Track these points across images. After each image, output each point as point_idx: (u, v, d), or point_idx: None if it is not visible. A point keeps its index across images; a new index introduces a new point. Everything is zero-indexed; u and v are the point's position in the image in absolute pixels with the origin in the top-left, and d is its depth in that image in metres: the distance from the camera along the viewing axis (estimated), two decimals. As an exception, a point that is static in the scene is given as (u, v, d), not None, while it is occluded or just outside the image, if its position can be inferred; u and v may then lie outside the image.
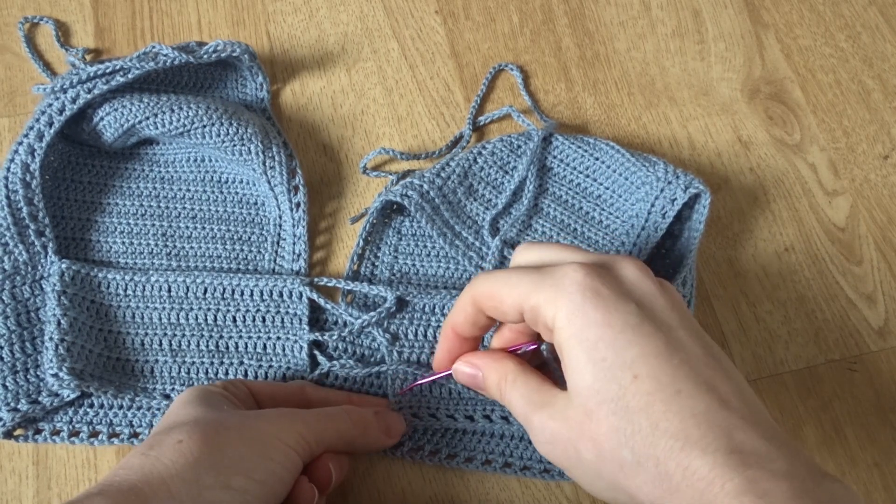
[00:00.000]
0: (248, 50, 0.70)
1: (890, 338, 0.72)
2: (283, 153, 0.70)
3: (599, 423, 0.46)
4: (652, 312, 0.48)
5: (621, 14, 0.83)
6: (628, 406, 0.45)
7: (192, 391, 0.57)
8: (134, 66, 0.66)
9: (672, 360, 0.46)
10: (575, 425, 0.47)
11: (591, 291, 0.47)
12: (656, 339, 0.46)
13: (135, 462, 0.48)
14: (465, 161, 0.71)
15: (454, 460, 0.65)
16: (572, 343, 0.47)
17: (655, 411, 0.44)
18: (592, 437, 0.46)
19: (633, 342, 0.46)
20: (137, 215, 0.70)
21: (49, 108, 0.65)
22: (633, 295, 0.49)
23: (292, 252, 0.70)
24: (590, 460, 0.47)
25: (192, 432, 0.50)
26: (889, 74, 0.81)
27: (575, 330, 0.47)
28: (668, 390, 0.45)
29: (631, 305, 0.48)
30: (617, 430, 0.45)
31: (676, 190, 0.67)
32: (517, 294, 0.51)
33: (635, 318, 0.47)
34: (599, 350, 0.46)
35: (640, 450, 0.44)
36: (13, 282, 0.64)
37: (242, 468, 0.50)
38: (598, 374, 0.46)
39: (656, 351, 0.46)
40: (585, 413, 0.47)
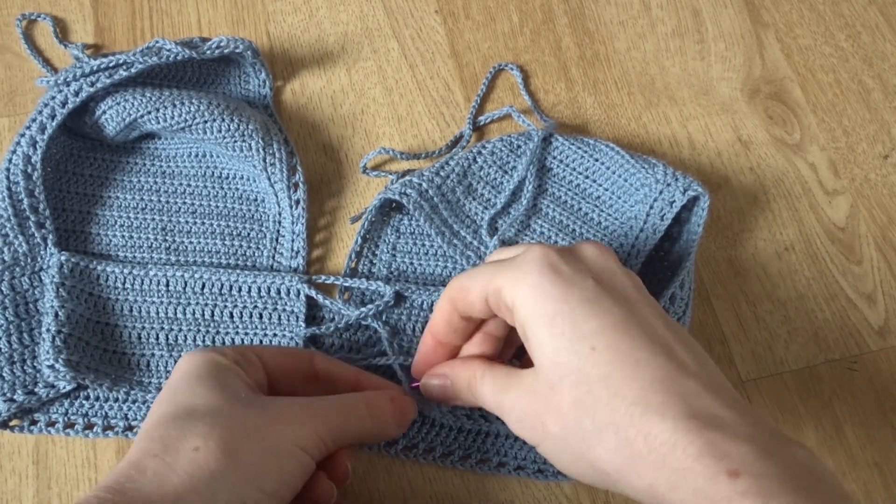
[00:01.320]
0: (251, 46, 0.71)
1: (890, 337, 0.72)
2: (283, 150, 0.70)
3: (562, 396, 0.47)
4: (611, 287, 0.50)
5: (621, 14, 0.84)
6: (588, 377, 0.46)
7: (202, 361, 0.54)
8: (137, 60, 0.67)
9: (630, 332, 0.47)
10: (541, 399, 0.49)
11: (548, 268, 0.49)
12: (614, 312, 0.48)
13: (148, 466, 0.47)
14: (464, 160, 0.71)
15: (448, 459, 0.66)
16: (532, 319, 0.49)
17: (614, 380, 0.46)
18: (556, 409, 0.48)
19: (590, 315, 0.47)
20: (137, 209, 0.71)
21: (52, 101, 0.66)
22: (592, 271, 0.50)
23: (291, 249, 0.70)
24: (555, 433, 0.48)
25: (209, 438, 0.48)
26: (889, 74, 0.82)
27: (533, 306, 0.49)
28: (627, 360, 0.46)
29: (589, 281, 0.49)
30: (578, 402, 0.46)
31: (675, 192, 0.68)
32: (482, 281, 0.52)
33: (592, 293, 0.49)
34: (557, 324, 0.48)
35: (600, 418, 0.45)
36: (12, 273, 0.65)
37: (256, 481, 0.49)
38: (558, 348, 0.47)
39: (614, 323, 0.47)
40: (549, 386, 0.48)
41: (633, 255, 0.69)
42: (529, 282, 0.49)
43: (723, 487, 0.41)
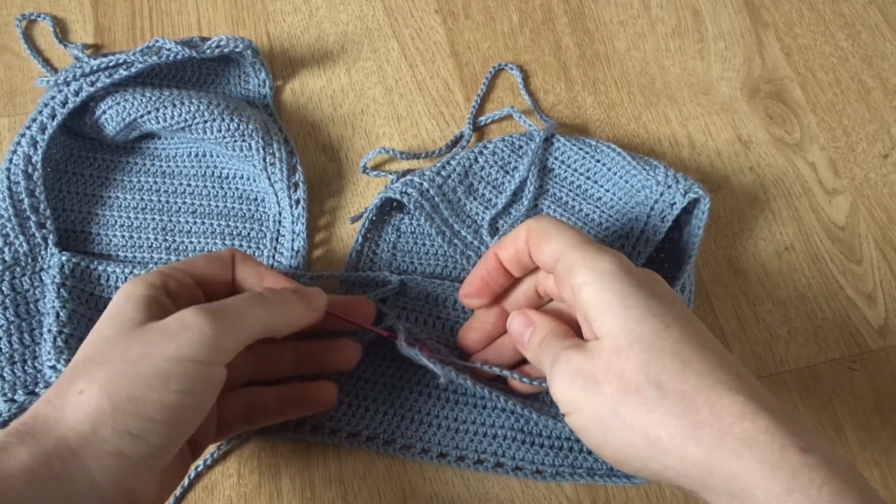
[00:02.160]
0: (250, 45, 0.71)
1: (890, 336, 0.73)
2: (283, 150, 0.70)
3: (629, 360, 0.48)
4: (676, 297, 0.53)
5: (621, 13, 0.84)
6: (660, 348, 0.48)
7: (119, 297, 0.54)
8: (137, 60, 0.67)
9: (698, 327, 0.50)
10: (601, 361, 0.49)
11: (625, 268, 0.52)
12: (683, 309, 0.51)
13: (40, 413, 0.48)
14: (465, 160, 0.72)
15: (445, 458, 0.66)
16: (605, 294, 0.51)
17: (686, 355, 0.47)
18: (619, 371, 0.48)
19: (662, 304, 0.50)
20: (138, 209, 0.71)
21: (52, 101, 0.66)
22: (658, 283, 0.54)
23: (291, 249, 0.70)
24: (609, 394, 0.48)
25: (93, 379, 0.48)
26: (889, 73, 0.82)
27: (608, 285, 0.51)
28: (698, 342, 0.48)
29: (659, 286, 0.53)
30: (646, 366, 0.48)
31: (676, 194, 0.68)
32: (564, 242, 0.54)
33: (663, 292, 0.52)
34: (632, 300, 0.50)
35: (668, 384, 0.47)
36: (13, 273, 0.65)
37: (140, 411, 0.48)
38: (632, 318, 0.49)
39: (683, 316, 0.50)
40: (615, 350, 0.49)
41: (633, 256, 0.69)
42: (603, 268, 0.51)
43: (793, 458, 0.42)
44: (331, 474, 0.66)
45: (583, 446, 0.66)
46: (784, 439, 0.43)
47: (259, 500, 0.65)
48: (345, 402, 0.66)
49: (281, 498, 0.65)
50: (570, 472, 0.65)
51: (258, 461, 0.66)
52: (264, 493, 0.65)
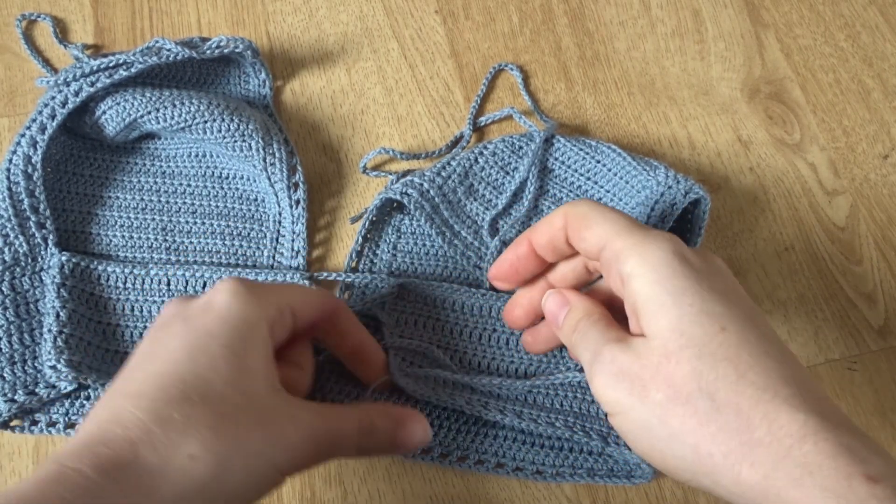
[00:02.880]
0: (250, 46, 0.71)
1: (890, 337, 0.73)
2: (283, 150, 0.71)
3: (680, 365, 0.45)
4: (736, 287, 0.49)
5: (621, 14, 0.84)
6: (714, 353, 0.44)
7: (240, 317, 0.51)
8: (137, 60, 0.67)
9: (759, 327, 0.46)
10: (649, 364, 0.46)
11: (680, 255, 0.48)
12: (743, 305, 0.47)
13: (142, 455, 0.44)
14: (465, 161, 0.72)
15: (447, 459, 0.66)
16: (657, 289, 0.47)
17: (743, 362, 0.44)
18: (668, 377, 0.45)
19: (720, 301, 0.46)
20: (138, 209, 0.71)
21: (52, 101, 0.66)
22: (719, 271, 0.49)
23: (291, 249, 0.71)
24: (657, 401, 0.45)
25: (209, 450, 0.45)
26: (889, 74, 0.82)
27: (661, 277, 0.47)
28: (757, 348, 0.44)
29: (718, 276, 0.48)
30: (699, 374, 0.44)
31: (676, 195, 0.68)
32: (609, 228, 0.51)
33: (722, 285, 0.47)
34: (687, 297, 0.46)
35: (722, 396, 0.43)
36: (13, 273, 0.65)
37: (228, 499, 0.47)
38: (684, 318, 0.45)
39: (743, 314, 0.46)
40: (664, 354, 0.46)
41: None
42: (657, 257, 0.48)
43: (860, 490, 0.39)
44: (331, 475, 0.66)
45: (583, 447, 0.66)
46: (850, 466, 0.39)
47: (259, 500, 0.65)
48: None
49: (281, 498, 0.65)
50: (570, 473, 0.65)
51: (258, 461, 0.66)
52: (264, 494, 0.65)
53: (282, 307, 0.54)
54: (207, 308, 0.51)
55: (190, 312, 0.52)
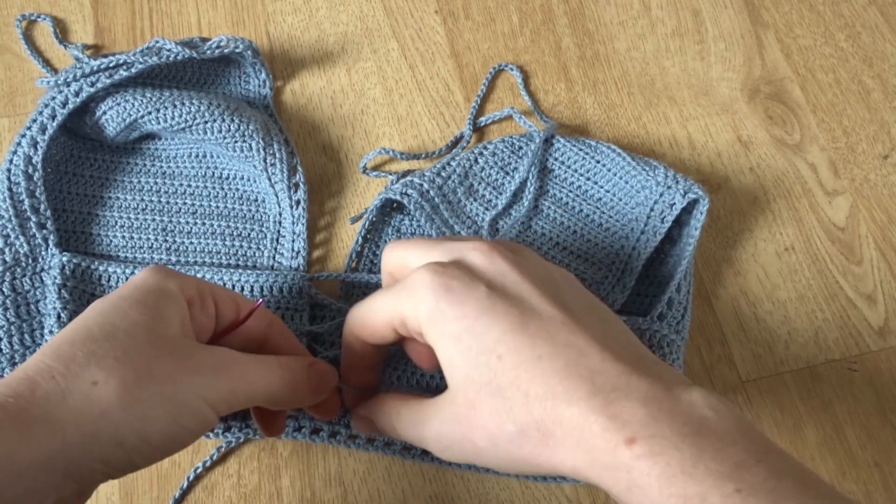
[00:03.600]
0: (251, 46, 0.72)
1: (890, 337, 0.73)
2: (283, 150, 0.71)
3: (482, 409, 0.49)
4: (503, 290, 0.51)
5: (621, 14, 0.84)
6: (501, 385, 0.48)
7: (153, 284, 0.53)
8: (137, 60, 0.67)
9: (528, 331, 0.49)
10: (463, 420, 0.50)
11: (441, 289, 0.50)
12: (510, 315, 0.49)
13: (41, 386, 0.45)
14: (465, 161, 0.72)
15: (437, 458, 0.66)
16: (440, 341, 0.50)
17: (523, 382, 0.47)
18: (480, 424, 0.49)
19: (489, 325, 0.49)
20: (138, 210, 0.71)
21: (52, 102, 0.66)
22: (483, 278, 0.51)
23: (291, 249, 0.71)
24: (486, 447, 0.50)
25: (112, 375, 0.46)
26: (889, 74, 0.82)
27: (438, 330, 0.50)
28: (530, 359, 0.48)
29: (481, 289, 0.50)
30: (497, 410, 0.48)
31: (675, 195, 0.68)
32: (385, 315, 0.54)
33: (487, 300, 0.50)
34: (463, 341, 0.49)
35: (520, 420, 0.47)
36: (13, 273, 0.65)
37: (144, 430, 0.47)
38: (469, 364, 0.49)
39: (511, 326, 0.49)
40: (468, 404, 0.49)
41: (633, 256, 0.69)
42: (427, 307, 0.50)
43: (623, 455, 0.43)
44: (331, 475, 0.66)
45: None
46: (614, 437, 0.44)
47: (259, 500, 0.65)
48: None
49: (281, 498, 0.65)
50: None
51: (258, 462, 0.66)
52: (264, 494, 0.65)
53: (203, 292, 0.56)
54: (126, 283, 0.53)
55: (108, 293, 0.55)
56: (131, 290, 0.52)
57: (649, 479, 0.42)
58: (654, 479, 0.42)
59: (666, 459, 0.42)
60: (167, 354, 0.49)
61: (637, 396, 0.45)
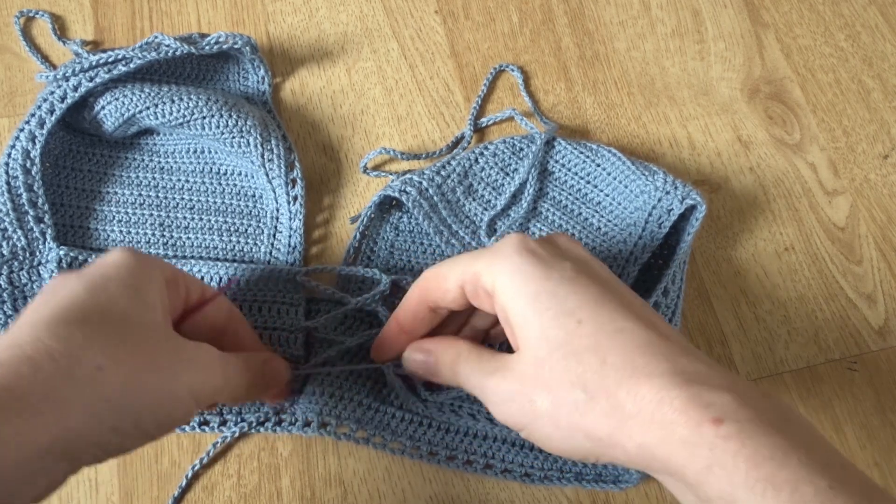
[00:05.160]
0: (249, 42, 0.72)
1: (890, 337, 0.73)
2: (281, 146, 0.71)
3: (552, 369, 0.49)
4: (587, 268, 0.52)
5: (621, 14, 0.84)
6: (576, 348, 0.48)
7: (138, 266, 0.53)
8: (136, 55, 0.68)
9: (609, 305, 0.49)
10: (528, 378, 0.50)
11: (528, 253, 0.51)
12: (593, 288, 0.50)
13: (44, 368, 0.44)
14: (465, 161, 0.72)
15: (434, 458, 0.67)
16: (516, 300, 0.50)
17: (602, 349, 0.48)
18: (546, 383, 0.49)
19: (572, 292, 0.50)
20: (136, 205, 0.71)
21: (51, 96, 0.67)
22: (568, 256, 0.53)
23: (288, 245, 0.71)
24: (545, 409, 0.49)
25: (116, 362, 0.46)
26: (889, 74, 0.83)
27: (517, 286, 0.50)
28: (610, 329, 0.48)
29: (567, 262, 0.51)
30: (568, 372, 0.48)
31: (673, 200, 0.68)
32: (459, 269, 0.54)
33: (571, 272, 0.51)
34: (542, 301, 0.50)
35: (591, 386, 0.47)
36: (10, 267, 0.66)
37: (138, 418, 0.48)
38: (545, 324, 0.49)
39: (595, 298, 0.49)
40: (537, 363, 0.49)
41: (630, 261, 0.69)
42: (509, 264, 0.51)
43: (707, 433, 0.43)
44: (331, 475, 0.66)
45: None
46: (699, 415, 0.44)
47: (259, 500, 0.65)
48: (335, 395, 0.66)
49: (281, 498, 0.65)
50: (558, 477, 0.66)
51: (258, 461, 0.66)
52: (264, 494, 0.65)
53: (176, 275, 0.56)
54: (101, 262, 0.53)
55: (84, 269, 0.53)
56: (113, 269, 0.52)
57: (736, 461, 0.42)
58: (742, 461, 0.42)
59: (755, 444, 0.42)
60: (163, 345, 0.51)
61: (721, 385, 0.45)
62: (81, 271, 0.52)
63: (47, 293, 0.51)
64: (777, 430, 0.43)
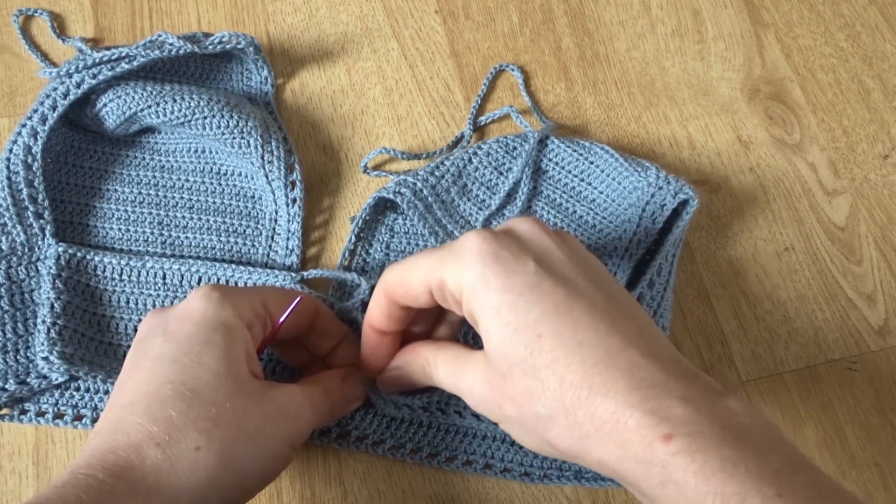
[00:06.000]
0: (252, 42, 0.73)
1: (890, 337, 0.73)
2: (282, 148, 0.71)
3: (514, 384, 0.49)
4: (550, 267, 0.51)
5: (621, 14, 0.85)
6: (535, 365, 0.48)
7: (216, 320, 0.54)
8: (139, 53, 0.68)
9: (572, 314, 0.49)
10: (496, 387, 0.51)
11: (490, 258, 0.50)
12: (555, 295, 0.49)
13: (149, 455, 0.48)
14: (459, 161, 0.72)
15: (435, 459, 0.67)
16: (480, 311, 0.50)
17: (560, 366, 0.48)
18: (510, 396, 0.50)
19: (533, 302, 0.49)
20: (135, 203, 0.72)
21: (54, 92, 0.68)
22: (531, 251, 0.52)
23: (286, 247, 0.71)
24: (513, 416, 0.51)
25: (212, 439, 0.50)
26: (889, 74, 0.83)
27: (480, 299, 0.50)
28: (570, 344, 0.48)
29: (530, 264, 0.50)
30: (529, 389, 0.49)
31: (666, 196, 0.69)
32: (423, 274, 0.54)
33: (533, 276, 0.50)
34: (503, 315, 0.49)
35: (550, 404, 0.48)
36: (9, 262, 0.66)
37: (244, 485, 0.52)
38: (506, 339, 0.49)
39: (556, 307, 0.49)
40: (501, 376, 0.50)
41: (625, 257, 0.70)
42: (471, 274, 0.50)
43: (659, 451, 0.44)
44: (331, 475, 0.66)
45: None
46: (651, 433, 0.44)
47: (259, 500, 0.66)
48: None
49: (281, 498, 0.65)
50: (557, 475, 0.66)
51: (256, 461, 0.66)
52: (264, 493, 0.66)
53: (255, 306, 0.58)
54: (184, 316, 0.55)
55: (168, 323, 0.56)
56: (194, 327, 0.54)
57: (685, 476, 0.43)
58: (692, 476, 0.42)
59: (704, 458, 0.43)
60: (252, 406, 0.53)
61: (676, 395, 0.46)
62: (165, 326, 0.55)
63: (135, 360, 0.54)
64: (728, 440, 0.44)
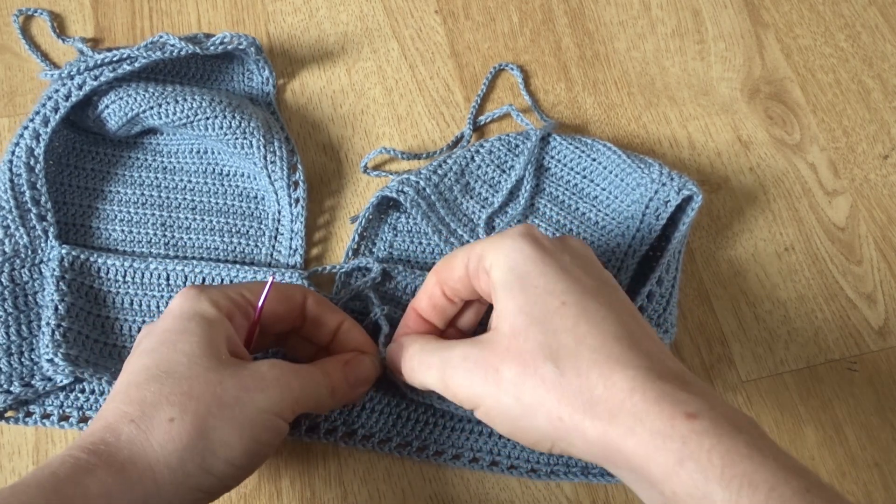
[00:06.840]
0: (254, 43, 0.73)
1: (890, 337, 0.74)
2: (284, 148, 0.71)
3: (527, 340, 0.49)
4: (586, 264, 0.53)
5: (621, 14, 0.85)
6: (555, 326, 0.49)
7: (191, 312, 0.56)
8: (141, 55, 0.69)
9: (598, 298, 0.50)
10: (499, 348, 0.50)
11: (530, 237, 0.53)
12: (586, 280, 0.51)
13: (123, 431, 0.50)
14: (462, 159, 0.72)
15: (441, 457, 0.67)
16: (507, 274, 0.51)
17: (580, 331, 0.48)
18: (517, 354, 0.49)
19: (563, 278, 0.51)
20: (138, 204, 0.72)
21: (55, 94, 0.68)
22: (574, 253, 0.54)
23: (289, 247, 0.72)
24: (510, 379, 0.49)
25: (185, 410, 0.50)
26: (889, 74, 0.83)
27: (511, 263, 0.52)
28: (594, 317, 0.49)
29: (566, 256, 0.53)
30: (542, 346, 0.48)
31: (670, 192, 0.69)
32: (464, 253, 0.56)
33: (568, 264, 0.52)
34: (531, 279, 0.51)
35: (564, 362, 0.48)
36: (13, 265, 0.67)
37: (227, 455, 0.51)
38: (529, 298, 0.50)
39: (584, 288, 0.50)
40: (512, 334, 0.50)
41: (629, 254, 0.70)
42: (510, 244, 0.52)
43: (681, 426, 0.43)
44: (331, 475, 0.67)
45: None
46: (672, 408, 0.44)
47: (259, 500, 0.66)
48: None
49: (281, 498, 0.66)
50: (564, 471, 0.66)
51: (256, 461, 0.66)
52: (264, 494, 0.66)
53: (233, 297, 0.59)
54: (165, 314, 0.57)
55: (154, 325, 0.58)
56: (172, 321, 0.56)
57: (710, 456, 0.42)
58: (717, 458, 0.42)
59: (732, 441, 0.42)
60: (229, 378, 0.53)
61: (693, 387, 0.46)
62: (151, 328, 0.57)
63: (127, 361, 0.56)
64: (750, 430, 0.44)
